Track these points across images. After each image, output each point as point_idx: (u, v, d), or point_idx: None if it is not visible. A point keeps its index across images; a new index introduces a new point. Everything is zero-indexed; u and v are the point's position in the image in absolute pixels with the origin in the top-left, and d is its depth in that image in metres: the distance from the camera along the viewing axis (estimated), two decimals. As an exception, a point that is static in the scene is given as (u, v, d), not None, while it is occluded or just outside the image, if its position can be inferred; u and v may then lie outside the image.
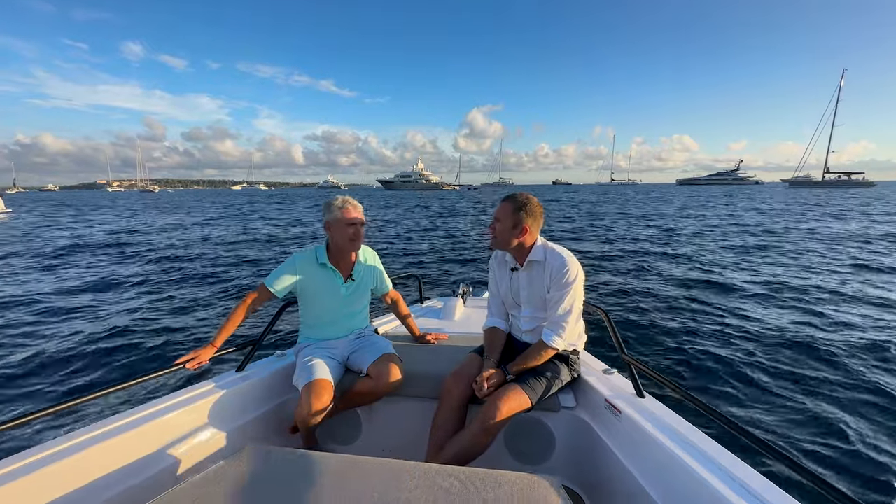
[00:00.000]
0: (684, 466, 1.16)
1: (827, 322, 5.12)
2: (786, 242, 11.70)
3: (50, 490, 1.16)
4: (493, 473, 0.96)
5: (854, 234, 13.22)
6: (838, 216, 20.29)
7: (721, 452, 1.18)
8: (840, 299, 6.08)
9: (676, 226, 16.80)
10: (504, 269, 1.86)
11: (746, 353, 4.24)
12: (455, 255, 10.95)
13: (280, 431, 1.87)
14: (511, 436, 1.81)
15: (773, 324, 5.06)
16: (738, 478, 1.07)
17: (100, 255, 10.97)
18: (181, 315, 5.83)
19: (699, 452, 1.19)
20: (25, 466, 1.15)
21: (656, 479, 1.29)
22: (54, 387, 3.70)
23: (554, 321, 1.66)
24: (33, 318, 5.60)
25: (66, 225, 19.88)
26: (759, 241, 12.12)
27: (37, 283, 7.75)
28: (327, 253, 1.95)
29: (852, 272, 7.82)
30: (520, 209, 1.66)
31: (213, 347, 1.73)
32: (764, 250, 10.38)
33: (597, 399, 1.67)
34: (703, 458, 1.17)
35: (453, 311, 3.00)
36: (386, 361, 1.82)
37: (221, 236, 14.87)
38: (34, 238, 14.47)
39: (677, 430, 1.31)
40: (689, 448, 1.22)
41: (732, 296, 6.44)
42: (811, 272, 7.85)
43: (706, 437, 1.26)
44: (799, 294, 6.38)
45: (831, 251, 10.22)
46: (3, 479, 1.10)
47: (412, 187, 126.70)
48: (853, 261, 8.82)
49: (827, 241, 12.06)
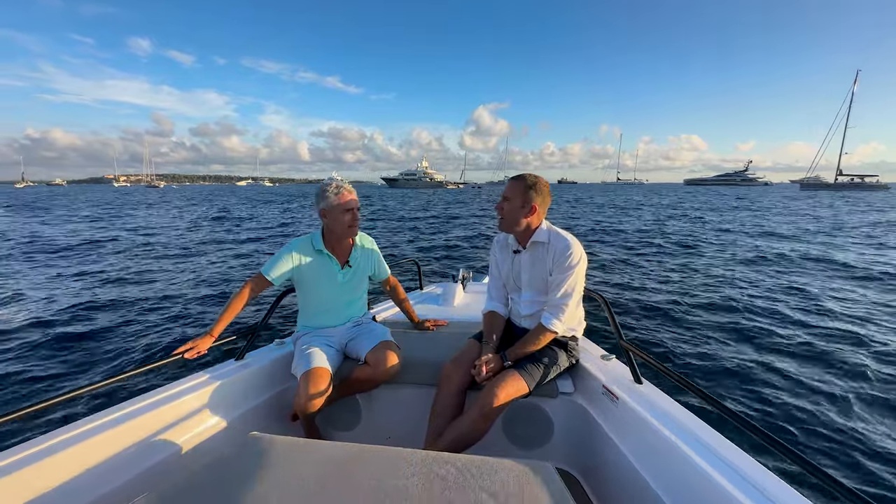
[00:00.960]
0: (679, 452, 1.17)
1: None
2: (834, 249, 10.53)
3: (51, 479, 1.15)
4: (490, 461, 0.97)
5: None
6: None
7: (716, 438, 1.19)
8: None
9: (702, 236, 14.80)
10: (506, 252, 1.85)
11: (747, 344, 4.27)
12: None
13: (280, 419, 1.88)
14: (509, 421, 1.82)
15: (783, 318, 5.03)
16: (733, 463, 1.08)
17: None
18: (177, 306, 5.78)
19: (694, 438, 1.20)
20: (27, 457, 1.14)
21: (651, 464, 1.31)
22: (52, 379, 3.67)
23: (554, 304, 1.64)
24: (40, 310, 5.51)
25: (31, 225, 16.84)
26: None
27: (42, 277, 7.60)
28: (323, 240, 1.92)
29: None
30: (530, 188, 1.65)
31: (211, 337, 1.70)
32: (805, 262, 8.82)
33: (594, 385, 1.68)
34: (697, 443, 1.18)
35: (453, 296, 2.99)
36: (384, 349, 1.81)
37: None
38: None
39: (673, 415, 1.32)
40: (683, 434, 1.23)
41: (746, 288, 6.35)
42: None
43: (702, 423, 1.27)
44: (805, 295, 6.11)
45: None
46: (5, 470, 1.10)
47: (416, 185, 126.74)
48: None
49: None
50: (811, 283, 6.77)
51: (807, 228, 15.04)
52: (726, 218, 19.92)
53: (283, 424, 1.86)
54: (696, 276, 7.46)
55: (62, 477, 1.17)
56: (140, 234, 14.12)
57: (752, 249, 10.31)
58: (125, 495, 1.26)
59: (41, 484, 1.14)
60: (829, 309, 5.34)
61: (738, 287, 6.56)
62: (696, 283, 6.91)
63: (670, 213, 23.42)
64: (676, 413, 1.33)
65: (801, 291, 6.27)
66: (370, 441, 1.27)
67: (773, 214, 22.18)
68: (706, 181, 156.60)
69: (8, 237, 13.24)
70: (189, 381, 1.63)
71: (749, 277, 7.22)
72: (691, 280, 7.12)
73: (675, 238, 12.27)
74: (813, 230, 14.44)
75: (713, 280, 7.07)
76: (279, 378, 1.93)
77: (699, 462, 1.10)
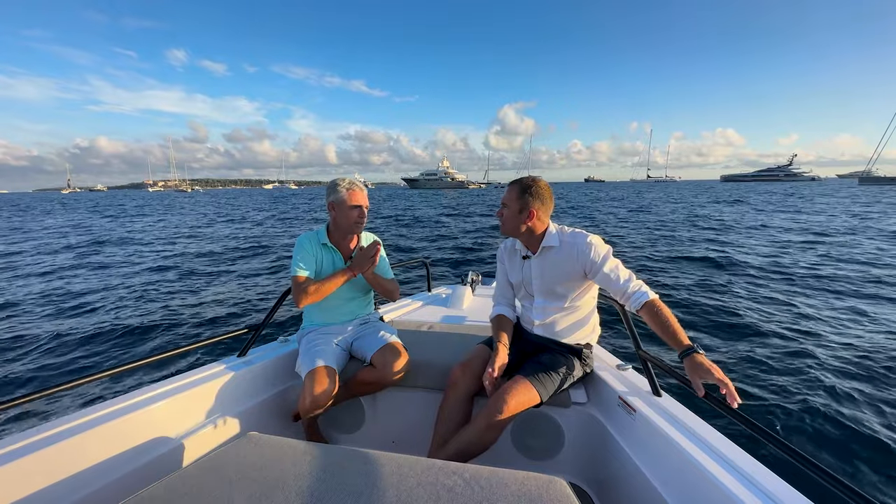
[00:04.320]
0: (702, 470, 1.09)
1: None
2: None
3: (48, 473, 1.14)
4: (499, 473, 0.94)
5: None
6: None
7: (742, 457, 1.11)
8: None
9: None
10: (515, 258, 1.78)
11: (781, 353, 3.72)
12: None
13: (282, 418, 1.84)
14: (518, 429, 1.75)
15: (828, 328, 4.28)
16: (761, 484, 1.00)
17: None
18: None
19: (719, 456, 1.13)
20: (23, 448, 1.13)
21: (671, 483, 1.23)
22: (49, 369, 3.71)
23: (625, 289, 1.50)
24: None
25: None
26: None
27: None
28: (328, 235, 1.91)
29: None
30: (525, 192, 1.59)
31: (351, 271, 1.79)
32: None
33: (610, 396, 1.61)
34: (722, 461, 1.10)
35: (461, 299, 2.92)
36: (390, 351, 1.77)
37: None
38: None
39: (696, 431, 1.24)
40: (708, 451, 1.15)
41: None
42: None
43: (728, 441, 1.18)
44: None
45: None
46: (2, 459, 1.09)
47: (437, 185, 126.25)
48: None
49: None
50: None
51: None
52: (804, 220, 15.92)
53: (285, 423, 1.83)
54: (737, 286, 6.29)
55: (59, 469, 1.16)
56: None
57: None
58: (122, 490, 1.24)
59: (37, 476, 1.12)
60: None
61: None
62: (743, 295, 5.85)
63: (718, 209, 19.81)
64: (699, 429, 1.24)
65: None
66: (373, 445, 1.39)
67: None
68: (745, 177, 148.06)
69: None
70: (190, 376, 1.60)
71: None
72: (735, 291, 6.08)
73: (800, 266, 7.85)
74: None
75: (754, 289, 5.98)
76: (282, 376, 1.89)
77: (725, 482, 1.02)
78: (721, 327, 4.58)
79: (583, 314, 1.67)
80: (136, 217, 25.28)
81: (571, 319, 1.66)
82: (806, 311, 5.00)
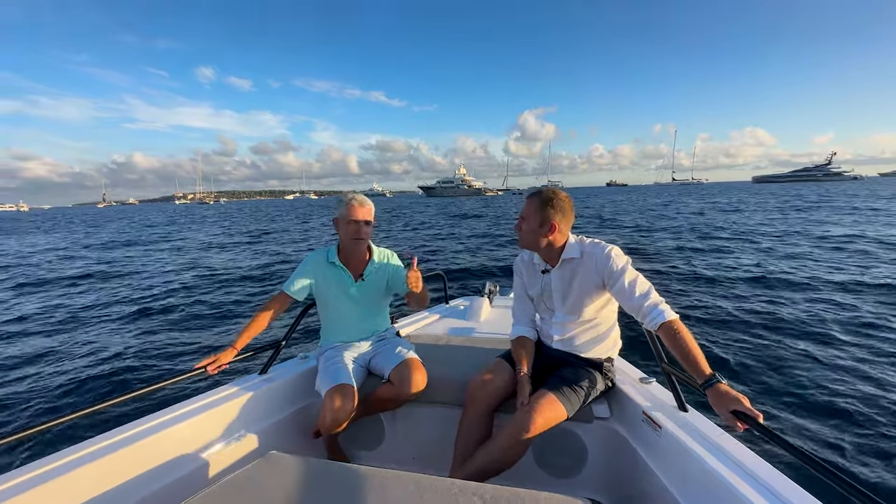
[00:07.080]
0: (732, 490, 1.05)
1: None
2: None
3: (76, 493, 1.16)
4: (519, 493, 0.92)
5: None
6: None
7: (774, 476, 1.08)
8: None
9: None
10: (533, 271, 1.75)
11: (808, 363, 3.61)
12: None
13: (303, 435, 1.85)
14: (540, 446, 1.72)
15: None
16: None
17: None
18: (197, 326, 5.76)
19: (751, 476, 1.09)
20: (53, 470, 1.17)
21: (699, 501, 1.20)
22: (71, 396, 3.70)
23: (640, 305, 1.43)
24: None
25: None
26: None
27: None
28: (338, 252, 1.94)
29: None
30: (546, 205, 1.55)
31: (233, 350, 1.70)
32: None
33: (633, 411, 1.56)
34: (753, 480, 1.07)
35: (479, 311, 2.88)
36: (408, 367, 1.76)
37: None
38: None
39: (725, 448, 1.21)
40: (739, 471, 1.11)
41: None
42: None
43: (759, 459, 1.14)
44: None
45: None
46: (36, 481, 1.12)
47: (454, 193, 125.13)
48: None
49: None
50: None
51: None
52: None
53: (306, 440, 1.83)
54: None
55: (86, 490, 1.18)
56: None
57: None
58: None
59: (64, 497, 1.14)
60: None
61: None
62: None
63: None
64: (728, 446, 1.21)
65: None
66: (394, 461, 1.46)
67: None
68: (780, 178, 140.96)
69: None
70: (214, 394, 1.63)
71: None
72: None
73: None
74: None
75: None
76: (302, 393, 1.90)
77: (757, 502, 1.00)
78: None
79: (603, 329, 1.64)
80: (131, 233, 23.49)
81: (592, 334, 1.63)
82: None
